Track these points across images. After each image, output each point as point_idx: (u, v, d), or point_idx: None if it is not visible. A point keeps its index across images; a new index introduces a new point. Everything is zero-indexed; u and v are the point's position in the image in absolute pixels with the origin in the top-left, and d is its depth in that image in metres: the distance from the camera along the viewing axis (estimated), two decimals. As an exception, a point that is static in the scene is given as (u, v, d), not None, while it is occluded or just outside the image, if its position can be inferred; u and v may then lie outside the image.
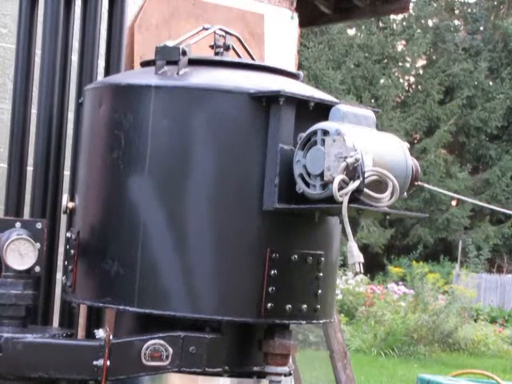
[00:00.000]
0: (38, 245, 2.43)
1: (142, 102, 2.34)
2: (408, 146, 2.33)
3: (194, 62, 2.44)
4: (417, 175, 2.31)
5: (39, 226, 2.49)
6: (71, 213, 2.59)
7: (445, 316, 14.34)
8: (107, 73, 2.94)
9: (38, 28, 2.96)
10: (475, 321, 16.49)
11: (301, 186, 2.23)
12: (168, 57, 2.40)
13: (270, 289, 2.29)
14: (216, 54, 2.61)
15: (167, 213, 2.32)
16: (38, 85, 2.89)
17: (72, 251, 2.47)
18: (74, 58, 2.96)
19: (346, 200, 2.10)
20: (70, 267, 2.48)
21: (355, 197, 2.14)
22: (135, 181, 2.35)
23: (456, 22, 23.21)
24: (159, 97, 2.33)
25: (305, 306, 2.36)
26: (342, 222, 2.34)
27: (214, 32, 2.61)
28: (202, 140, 2.32)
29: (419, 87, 25.88)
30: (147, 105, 2.33)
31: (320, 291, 2.39)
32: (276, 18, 5.00)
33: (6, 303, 2.39)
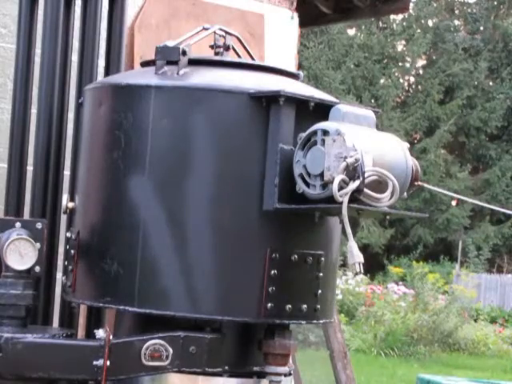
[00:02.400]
0: (37, 245, 2.43)
1: (142, 102, 2.34)
2: (408, 145, 2.33)
3: (194, 62, 2.44)
4: (417, 175, 2.31)
5: (39, 226, 2.49)
6: (71, 213, 2.58)
7: (445, 316, 14.35)
8: (107, 73, 2.94)
9: (38, 28, 2.96)
10: (475, 321, 16.50)
11: (301, 186, 2.23)
12: (168, 57, 2.40)
13: (269, 289, 2.29)
14: (216, 54, 2.61)
15: (167, 213, 2.32)
16: (38, 85, 2.88)
17: (72, 251, 2.47)
18: (74, 58, 2.96)
19: (345, 200, 2.10)
20: (70, 267, 2.48)
21: (355, 197, 2.14)
22: (135, 181, 2.35)
23: (456, 22, 23.19)
24: (159, 97, 2.33)
25: (305, 305, 2.36)
26: (342, 222, 2.33)
27: (214, 32, 2.61)
28: (202, 140, 2.32)
29: (419, 87, 25.85)
30: (147, 105, 2.33)
31: (320, 291, 2.39)
32: (276, 18, 5.00)
33: (6, 303, 2.38)
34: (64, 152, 2.90)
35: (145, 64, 2.66)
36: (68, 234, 2.57)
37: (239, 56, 2.76)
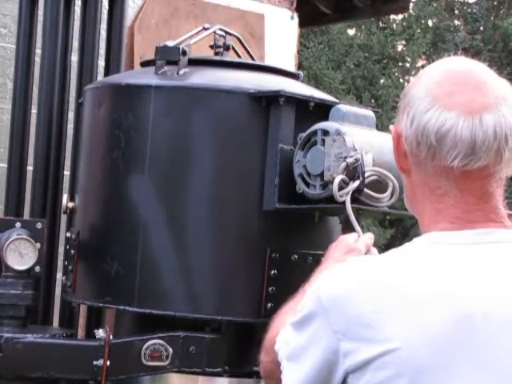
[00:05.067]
0: (38, 245, 2.43)
1: (142, 102, 2.34)
2: (408, 146, 2.32)
3: (194, 62, 2.44)
4: (417, 175, 2.30)
5: (39, 226, 2.49)
6: (71, 213, 2.58)
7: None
8: (107, 73, 2.94)
9: (38, 28, 2.95)
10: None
11: (301, 186, 2.23)
12: (168, 57, 2.40)
13: (270, 289, 2.29)
14: (216, 54, 2.61)
15: (167, 213, 2.32)
16: (38, 85, 2.88)
17: (72, 251, 2.47)
18: (74, 58, 2.96)
19: (348, 199, 2.09)
20: (70, 267, 2.48)
21: (355, 197, 2.14)
22: (135, 181, 2.34)
23: (456, 22, 23.17)
24: (159, 97, 2.33)
25: (305, 306, 2.35)
26: (341, 222, 2.33)
27: (214, 32, 2.61)
28: (202, 140, 2.31)
29: (419, 87, 25.74)
30: (147, 105, 2.33)
31: (320, 291, 2.38)
32: (276, 18, 5.00)
33: (6, 303, 2.39)
34: (64, 152, 2.90)
35: (145, 64, 2.66)
36: (68, 234, 2.57)
37: (239, 56, 2.76)
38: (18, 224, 2.48)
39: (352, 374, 1.32)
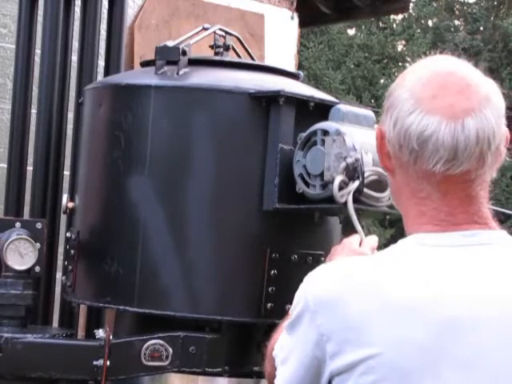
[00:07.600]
0: (38, 245, 2.43)
1: (142, 102, 2.34)
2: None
3: (194, 62, 2.44)
4: (417, 175, 2.30)
5: (39, 226, 2.49)
6: (71, 213, 2.58)
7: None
8: (107, 73, 2.94)
9: (38, 28, 2.95)
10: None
11: (301, 186, 2.23)
12: (168, 57, 2.40)
13: (269, 289, 2.29)
14: (216, 54, 2.61)
15: (167, 213, 2.32)
16: (38, 85, 2.88)
17: (72, 251, 2.47)
18: (74, 58, 2.96)
19: (350, 199, 2.09)
20: (70, 267, 2.48)
21: (355, 197, 2.14)
22: (135, 181, 2.34)
23: (456, 22, 23.18)
24: (159, 97, 2.33)
25: (305, 306, 2.35)
26: (341, 222, 2.34)
27: (214, 32, 2.61)
28: (202, 140, 2.31)
29: (419, 87, 25.69)
30: (147, 105, 2.33)
31: (320, 291, 2.38)
32: (276, 17, 5.01)
33: (6, 303, 2.39)
34: (64, 152, 2.90)
35: (145, 64, 2.66)
36: (68, 234, 2.57)
37: (239, 56, 2.76)
38: (18, 224, 2.48)
39: (337, 376, 1.31)
